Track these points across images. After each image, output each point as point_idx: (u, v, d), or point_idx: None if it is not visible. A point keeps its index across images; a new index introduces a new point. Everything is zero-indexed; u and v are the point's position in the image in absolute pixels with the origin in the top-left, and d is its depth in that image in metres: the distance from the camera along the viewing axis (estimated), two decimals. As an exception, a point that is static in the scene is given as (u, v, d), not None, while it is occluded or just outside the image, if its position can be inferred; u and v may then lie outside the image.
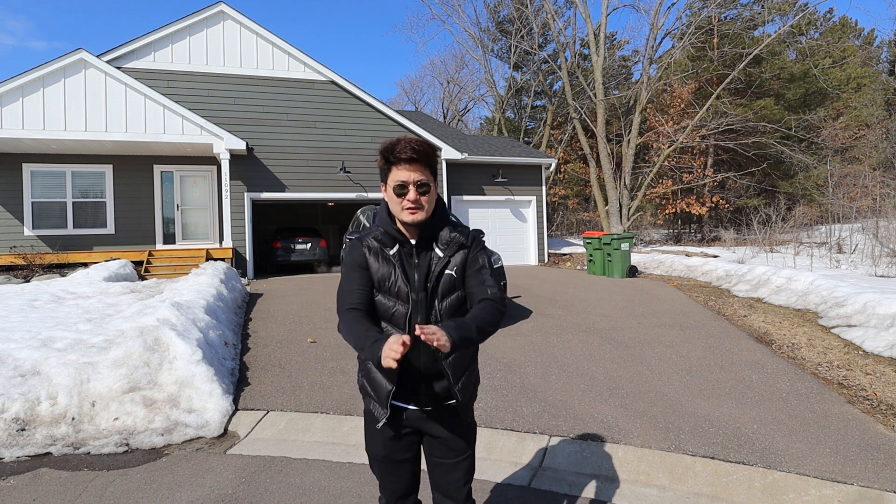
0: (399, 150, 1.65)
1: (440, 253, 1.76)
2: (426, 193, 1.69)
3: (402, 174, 1.67)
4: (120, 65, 11.59)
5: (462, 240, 1.79)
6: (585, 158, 25.39)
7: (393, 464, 1.87)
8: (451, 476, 1.88)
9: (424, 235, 1.77)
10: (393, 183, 1.69)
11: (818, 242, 16.37)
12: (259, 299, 8.71)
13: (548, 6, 24.03)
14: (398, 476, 1.89)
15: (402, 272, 1.73)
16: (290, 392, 4.50)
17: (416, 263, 1.76)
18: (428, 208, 1.72)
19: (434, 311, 1.74)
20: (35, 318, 5.54)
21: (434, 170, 1.74)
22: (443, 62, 60.47)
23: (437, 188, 1.76)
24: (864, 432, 3.55)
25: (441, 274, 1.75)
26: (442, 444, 1.85)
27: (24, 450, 3.46)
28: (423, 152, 1.66)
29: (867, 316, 6.09)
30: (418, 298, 1.73)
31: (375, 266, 1.76)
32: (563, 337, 6.17)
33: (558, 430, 3.66)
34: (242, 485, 3.08)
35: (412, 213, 1.69)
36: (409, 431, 1.85)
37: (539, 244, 15.86)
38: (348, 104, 13.39)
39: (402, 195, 1.68)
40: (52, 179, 11.82)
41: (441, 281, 1.75)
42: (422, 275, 1.75)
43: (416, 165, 1.67)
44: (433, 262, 1.75)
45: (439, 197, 1.81)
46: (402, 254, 1.76)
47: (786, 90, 23.76)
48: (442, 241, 1.77)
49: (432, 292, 1.74)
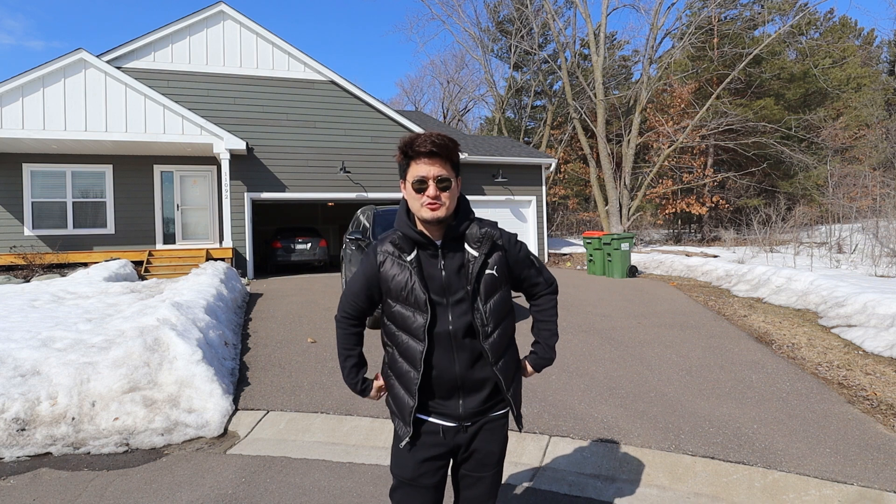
0: (418, 144, 1.57)
1: (474, 252, 1.64)
2: (447, 189, 1.58)
3: (421, 169, 1.57)
4: (120, 65, 11.59)
5: (493, 236, 1.67)
6: (585, 158, 25.40)
7: (420, 489, 1.70)
8: (478, 489, 1.78)
9: (451, 236, 1.65)
10: (412, 178, 1.59)
11: (818, 242, 16.37)
12: (259, 299, 8.71)
13: (548, 6, 24.03)
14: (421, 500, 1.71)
15: (419, 279, 1.62)
16: (290, 392, 4.50)
17: (443, 266, 1.64)
18: (450, 205, 1.60)
19: (479, 313, 1.63)
20: (35, 318, 5.54)
21: (456, 165, 1.64)
22: (443, 62, 60.50)
23: (459, 185, 1.66)
24: (864, 432, 3.55)
25: (482, 274, 1.64)
26: (476, 458, 1.74)
27: (24, 450, 3.46)
28: (444, 146, 1.57)
29: (867, 316, 6.09)
30: (448, 303, 1.63)
31: (391, 274, 1.66)
32: (563, 337, 6.17)
33: (558, 430, 3.65)
34: (242, 485, 3.08)
35: (432, 210, 1.57)
36: (443, 452, 1.70)
37: (539, 244, 15.86)
38: (348, 104, 13.39)
39: (422, 191, 1.58)
40: (52, 179, 11.82)
41: (482, 281, 1.64)
42: (451, 276, 1.64)
43: (436, 160, 1.57)
44: (470, 263, 1.64)
45: (462, 194, 1.71)
46: (423, 257, 1.66)
47: (786, 90, 23.75)
48: (473, 238, 1.65)
49: (473, 294, 1.63)
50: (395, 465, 1.75)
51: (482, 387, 1.67)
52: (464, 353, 1.63)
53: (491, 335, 1.64)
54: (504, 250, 1.71)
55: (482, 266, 1.64)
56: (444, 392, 1.65)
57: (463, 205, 1.70)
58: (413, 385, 1.63)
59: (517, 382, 1.76)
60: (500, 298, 1.68)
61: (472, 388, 1.66)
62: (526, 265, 1.78)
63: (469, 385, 1.65)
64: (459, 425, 1.68)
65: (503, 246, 1.71)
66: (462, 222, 1.66)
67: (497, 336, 1.66)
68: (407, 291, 1.62)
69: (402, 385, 1.68)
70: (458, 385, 1.65)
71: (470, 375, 1.65)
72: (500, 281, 1.68)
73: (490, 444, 1.73)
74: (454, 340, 1.63)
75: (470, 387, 1.66)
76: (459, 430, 1.68)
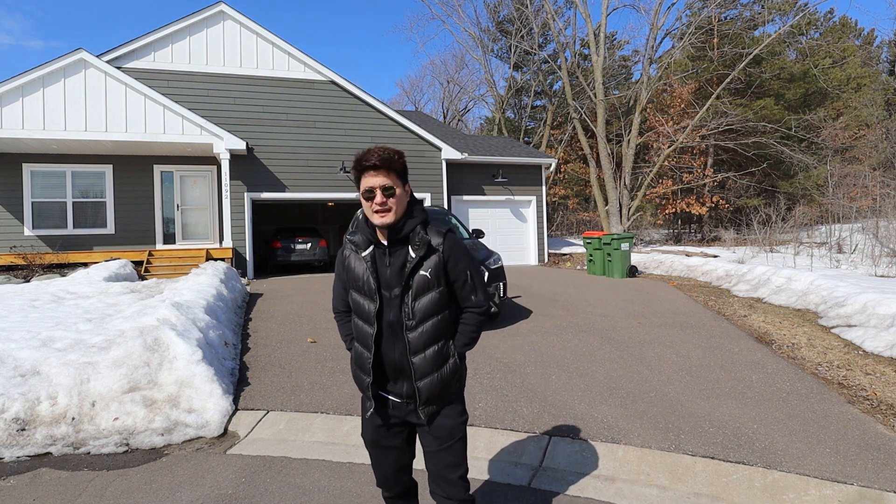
0: (365, 158, 1.79)
1: (413, 253, 1.85)
2: (392, 196, 1.80)
3: (369, 180, 1.80)
4: (120, 65, 11.59)
5: (430, 240, 1.86)
6: (585, 158, 25.40)
7: (381, 449, 2.03)
8: (439, 460, 1.98)
9: (396, 237, 1.86)
10: (362, 189, 1.83)
11: (818, 242, 16.37)
12: (259, 299, 8.71)
13: (548, 6, 24.03)
14: (385, 461, 2.05)
15: (371, 272, 1.87)
16: (290, 392, 4.50)
17: (389, 263, 1.87)
18: (397, 209, 1.82)
19: (406, 308, 1.85)
20: (35, 317, 5.54)
21: (401, 174, 1.85)
22: (443, 62, 60.53)
23: (407, 192, 1.88)
24: (864, 432, 3.55)
25: (413, 274, 1.85)
26: (426, 433, 1.98)
27: (24, 450, 3.46)
28: (388, 158, 1.79)
29: (867, 316, 6.09)
30: (391, 296, 1.86)
31: (353, 266, 1.93)
32: (563, 337, 6.17)
33: (558, 430, 3.65)
34: (242, 485, 3.08)
35: (380, 216, 1.80)
36: (396, 421, 2.00)
37: (539, 244, 15.86)
38: (348, 104, 13.39)
39: (370, 199, 1.80)
40: (52, 179, 11.82)
41: (414, 280, 1.85)
42: (394, 274, 1.86)
43: (381, 171, 1.79)
44: (407, 263, 1.85)
45: (415, 199, 1.93)
46: (376, 255, 1.90)
47: (786, 90, 23.75)
48: (414, 242, 1.86)
49: (404, 290, 1.85)
50: (363, 431, 2.07)
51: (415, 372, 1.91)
52: (399, 342, 1.88)
53: (414, 329, 1.86)
54: (441, 255, 1.89)
55: (415, 267, 1.85)
56: (390, 373, 1.93)
57: (415, 210, 1.91)
58: (367, 364, 1.90)
59: (439, 378, 1.90)
60: (431, 300, 1.87)
61: (404, 373, 1.91)
62: (460, 279, 1.93)
63: (406, 370, 1.90)
64: (404, 402, 1.94)
65: (441, 252, 1.89)
66: (408, 226, 1.87)
67: (420, 332, 1.86)
68: (362, 282, 1.89)
69: (358, 366, 1.96)
70: (397, 368, 1.91)
71: (404, 362, 1.89)
72: (433, 282, 1.87)
73: (441, 419, 1.97)
74: (391, 330, 1.88)
75: (406, 372, 1.90)
76: (406, 405, 1.94)
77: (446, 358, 1.93)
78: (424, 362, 1.88)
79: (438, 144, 14.10)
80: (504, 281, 7.02)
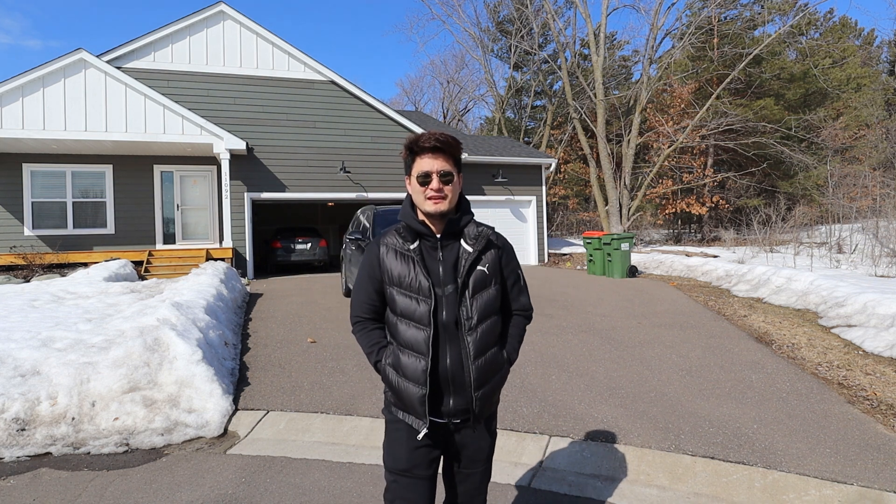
0: (423, 140, 1.66)
1: (468, 248, 1.71)
2: (449, 183, 1.67)
3: (425, 164, 1.66)
4: (120, 65, 11.59)
5: (490, 235, 1.76)
6: (585, 158, 25.39)
7: (415, 479, 1.73)
8: (467, 484, 1.83)
9: (450, 230, 1.72)
10: (417, 172, 1.68)
11: (818, 242, 16.37)
12: (259, 299, 8.71)
13: (548, 6, 24.03)
14: (417, 493, 1.74)
15: (422, 267, 1.68)
16: (290, 392, 4.50)
17: (442, 257, 1.71)
18: (451, 198, 1.69)
19: (465, 307, 1.68)
20: (35, 318, 5.54)
21: (458, 162, 1.73)
22: (443, 62, 60.51)
23: (460, 182, 1.74)
24: (864, 432, 3.55)
25: (472, 269, 1.70)
26: (466, 454, 1.79)
27: (24, 450, 3.46)
28: (447, 143, 1.67)
29: (867, 316, 6.09)
30: (444, 293, 1.68)
31: (393, 264, 1.71)
32: (563, 337, 6.17)
33: (558, 430, 3.65)
34: (242, 485, 3.08)
35: (435, 203, 1.66)
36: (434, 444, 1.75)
37: (539, 244, 15.86)
38: (348, 104, 13.39)
39: (426, 184, 1.66)
40: (52, 179, 11.82)
41: (472, 276, 1.70)
42: (448, 269, 1.70)
43: (439, 155, 1.67)
44: (462, 257, 1.71)
45: (463, 194, 1.78)
46: (424, 248, 1.72)
47: (786, 90, 23.76)
48: (470, 235, 1.73)
49: (462, 287, 1.68)
50: (390, 457, 1.77)
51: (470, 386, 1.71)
52: (454, 346, 1.67)
53: (474, 330, 1.67)
54: (499, 249, 1.78)
55: (474, 261, 1.70)
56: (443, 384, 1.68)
57: (464, 203, 1.77)
58: (422, 373, 1.64)
59: (493, 386, 1.74)
60: (489, 296, 1.72)
61: (460, 383, 1.68)
62: (512, 278, 1.83)
63: (458, 380, 1.68)
64: (448, 421, 1.72)
65: (499, 245, 1.78)
66: (462, 217, 1.74)
67: (479, 333, 1.68)
68: (410, 279, 1.67)
69: (407, 377, 1.66)
70: (449, 378, 1.67)
71: (458, 370, 1.67)
72: (491, 278, 1.73)
73: (478, 440, 1.78)
74: (446, 332, 1.67)
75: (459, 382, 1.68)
76: (448, 424, 1.73)
77: (501, 364, 1.77)
78: (485, 368, 1.69)
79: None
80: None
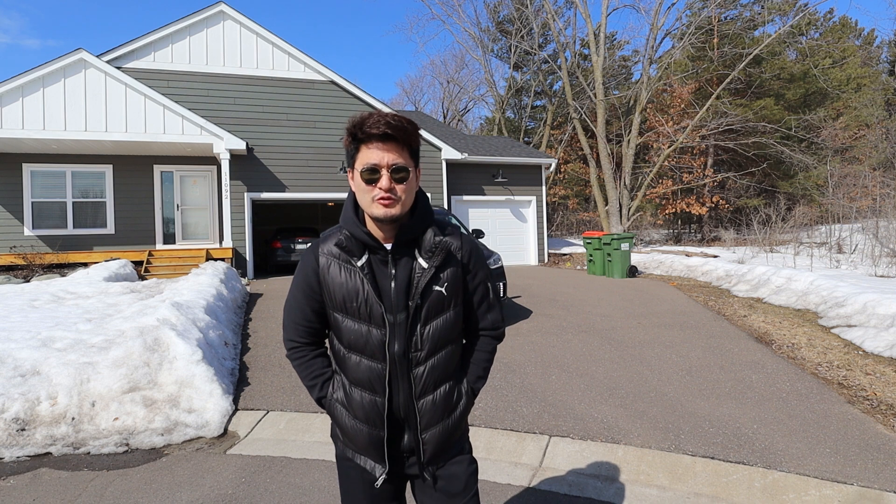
0: (370, 124, 1.29)
1: (423, 263, 1.38)
2: (403, 181, 1.31)
3: (373, 155, 1.29)
4: (120, 65, 11.59)
5: (450, 246, 1.42)
6: (585, 158, 25.39)
7: None
8: None
9: (403, 239, 1.38)
10: (361, 166, 1.30)
11: (818, 242, 16.37)
12: (259, 299, 8.71)
13: (548, 6, 24.03)
14: None
15: (372, 288, 1.35)
16: (290, 392, 4.50)
17: (393, 275, 1.37)
18: (406, 200, 1.33)
19: (416, 338, 1.38)
20: (35, 318, 5.54)
21: (415, 153, 1.37)
22: (443, 62, 60.49)
23: (418, 178, 1.38)
24: (864, 432, 3.55)
25: (428, 290, 1.38)
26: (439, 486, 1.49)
27: (24, 450, 3.46)
28: (401, 128, 1.30)
29: (867, 316, 6.09)
30: (396, 321, 1.36)
31: (337, 282, 1.38)
32: (563, 337, 6.17)
33: (558, 430, 3.65)
34: (242, 485, 3.08)
35: (385, 206, 1.30)
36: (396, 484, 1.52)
37: (539, 244, 15.86)
38: (348, 104, 13.38)
39: (373, 182, 1.30)
40: (52, 179, 11.82)
41: (428, 299, 1.38)
42: (400, 290, 1.37)
43: (391, 144, 1.30)
44: (415, 275, 1.37)
45: (422, 192, 1.43)
46: (374, 263, 1.38)
47: (786, 90, 23.77)
48: (425, 247, 1.38)
49: (415, 313, 1.37)
50: (344, 495, 1.53)
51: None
52: (404, 381, 1.40)
53: (423, 363, 1.40)
54: (461, 266, 1.45)
55: (430, 280, 1.38)
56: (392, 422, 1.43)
57: (422, 204, 1.41)
58: (379, 413, 1.39)
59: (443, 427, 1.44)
60: (444, 322, 1.41)
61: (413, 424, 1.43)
62: (478, 294, 1.51)
63: (408, 418, 1.43)
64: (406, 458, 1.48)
65: (461, 261, 1.45)
66: (417, 225, 1.39)
67: (429, 367, 1.40)
68: (359, 303, 1.36)
69: (361, 418, 1.41)
70: (402, 417, 1.42)
71: (408, 407, 1.41)
72: (450, 300, 1.42)
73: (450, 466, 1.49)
74: (397, 366, 1.39)
75: (408, 420, 1.43)
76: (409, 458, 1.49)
77: (459, 399, 1.47)
78: (433, 407, 1.41)
79: (438, 144, 14.10)
80: (504, 281, 7.02)
